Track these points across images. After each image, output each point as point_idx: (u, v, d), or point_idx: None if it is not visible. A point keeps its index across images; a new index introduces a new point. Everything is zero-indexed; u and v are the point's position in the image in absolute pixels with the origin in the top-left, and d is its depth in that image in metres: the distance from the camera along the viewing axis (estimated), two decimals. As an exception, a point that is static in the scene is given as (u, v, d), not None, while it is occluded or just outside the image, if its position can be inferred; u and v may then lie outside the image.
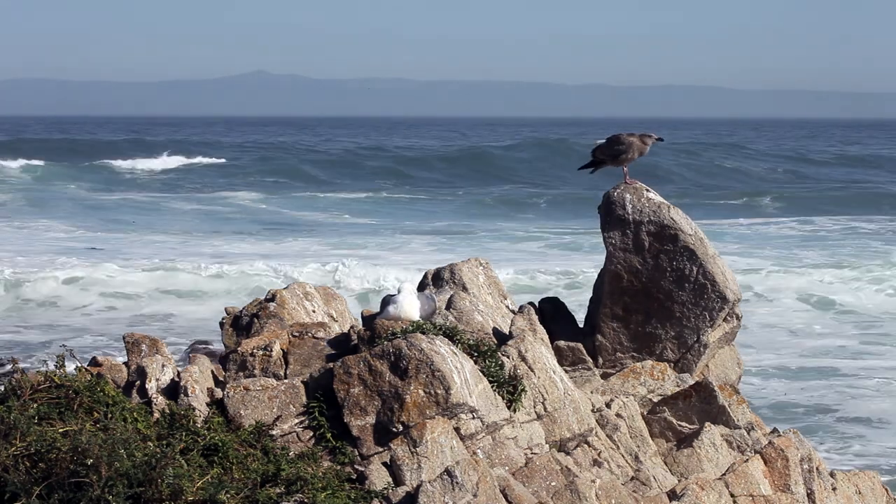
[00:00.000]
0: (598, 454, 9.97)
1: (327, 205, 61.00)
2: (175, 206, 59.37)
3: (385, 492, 8.34)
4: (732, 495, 9.54)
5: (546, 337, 11.23)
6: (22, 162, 77.33)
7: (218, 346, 11.35)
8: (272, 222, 52.78)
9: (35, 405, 8.06)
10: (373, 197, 64.75)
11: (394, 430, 8.73)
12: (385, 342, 9.00)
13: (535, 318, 11.36)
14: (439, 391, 8.76)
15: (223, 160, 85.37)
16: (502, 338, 10.43)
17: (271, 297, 11.18)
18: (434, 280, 11.88)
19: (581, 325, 12.12)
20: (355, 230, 49.28)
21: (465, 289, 11.60)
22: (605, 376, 11.58)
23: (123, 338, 10.06)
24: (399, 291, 9.82)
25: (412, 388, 8.76)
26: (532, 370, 9.72)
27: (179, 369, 9.30)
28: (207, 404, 8.99)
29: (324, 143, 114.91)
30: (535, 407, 9.64)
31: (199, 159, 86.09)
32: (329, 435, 8.82)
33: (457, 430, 8.91)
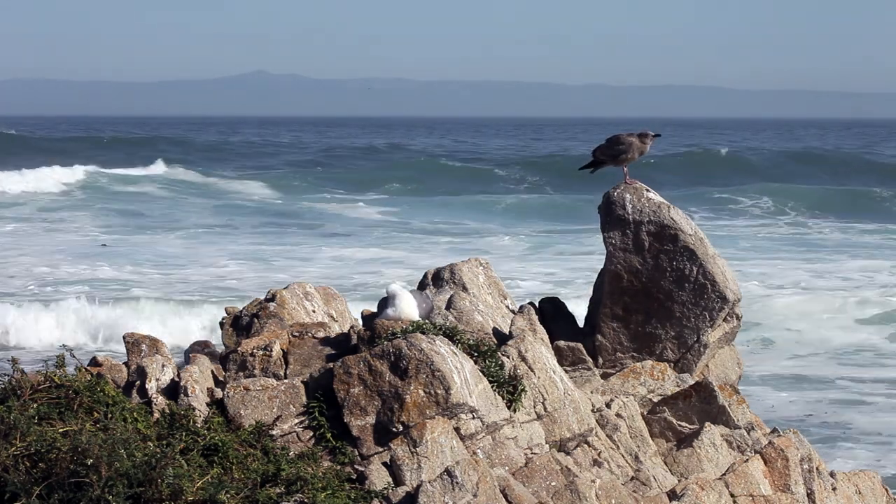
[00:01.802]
0: (598, 454, 9.97)
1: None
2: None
3: (385, 492, 8.33)
4: (732, 495, 9.54)
5: (546, 337, 11.22)
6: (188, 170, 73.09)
7: (218, 346, 11.33)
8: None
9: (35, 405, 8.06)
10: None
11: (394, 430, 8.72)
12: (385, 342, 8.99)
13: (535, 318, 11.36)
14: (439, 391, 8.76)
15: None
16: (502, 338, 10.43)
17: (271, 297, 11.17)
18: (434, 280, 11.88)
19: (581, 325, 12.12)
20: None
21: (465, 289, 11.60)
22: (605, 376, 11.57)
23: (123, 338, 10.06)
24: (393, 293, 9.79)
25: (412, 388, 8.75)
26: (532, 370, 9.72)
27: (179, 369, 9.30)
28: (207, 404, 8.98)
29: (453, 146, 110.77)
30: (535, 407, 9.64)
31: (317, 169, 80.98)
32: (329, 435, 8.81)
33: (457, 430, 8.91)
